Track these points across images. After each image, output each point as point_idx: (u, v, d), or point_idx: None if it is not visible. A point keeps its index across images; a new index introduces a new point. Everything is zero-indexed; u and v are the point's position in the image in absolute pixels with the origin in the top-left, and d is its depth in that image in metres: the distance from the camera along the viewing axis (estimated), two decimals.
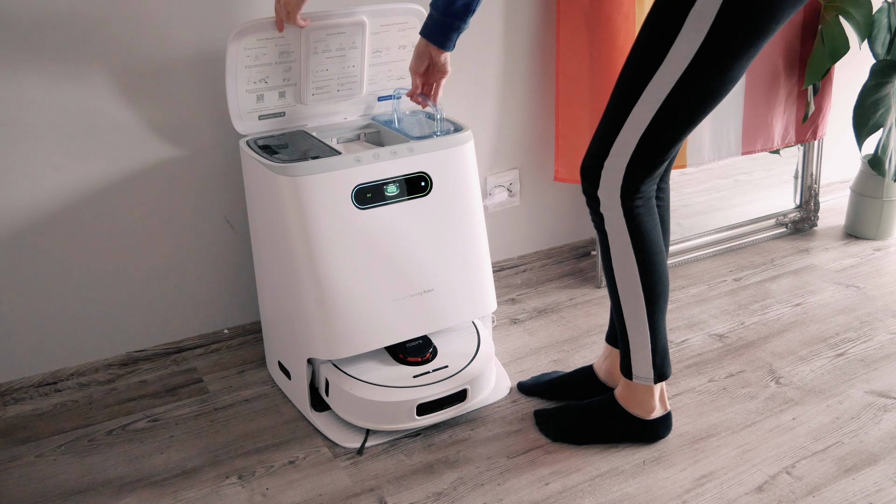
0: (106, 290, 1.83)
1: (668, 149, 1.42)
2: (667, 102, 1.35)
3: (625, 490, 1.52)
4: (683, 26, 1.30)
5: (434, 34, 1.55)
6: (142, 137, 1.75)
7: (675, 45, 1.31)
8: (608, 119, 1.43)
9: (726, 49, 1.31)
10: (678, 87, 1.34)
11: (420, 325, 1.65)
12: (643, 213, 1.46)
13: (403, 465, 1.59)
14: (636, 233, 1.46)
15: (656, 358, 1.56)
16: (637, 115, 1.38)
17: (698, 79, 1.33)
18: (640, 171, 1.42)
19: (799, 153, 2.55)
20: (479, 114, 2.12)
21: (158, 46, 1.70)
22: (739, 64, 1.33)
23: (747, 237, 2.51)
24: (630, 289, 1.51)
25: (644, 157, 1.41)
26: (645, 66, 1.35)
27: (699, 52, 1.30)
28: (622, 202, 1.44)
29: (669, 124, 1.38)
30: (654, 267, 1.49)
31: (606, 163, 1.43)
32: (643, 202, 1.46)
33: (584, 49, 2.07)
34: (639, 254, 1.48)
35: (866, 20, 2.20)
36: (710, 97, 1.36)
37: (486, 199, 2.21)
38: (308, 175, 1.52)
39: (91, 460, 1.62)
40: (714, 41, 1.29)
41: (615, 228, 1.47)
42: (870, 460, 1.59)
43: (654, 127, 1.38)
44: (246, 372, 1.90)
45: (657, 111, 1.36)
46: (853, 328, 2.04)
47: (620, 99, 1.40)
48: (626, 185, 1.43)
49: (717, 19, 1.28)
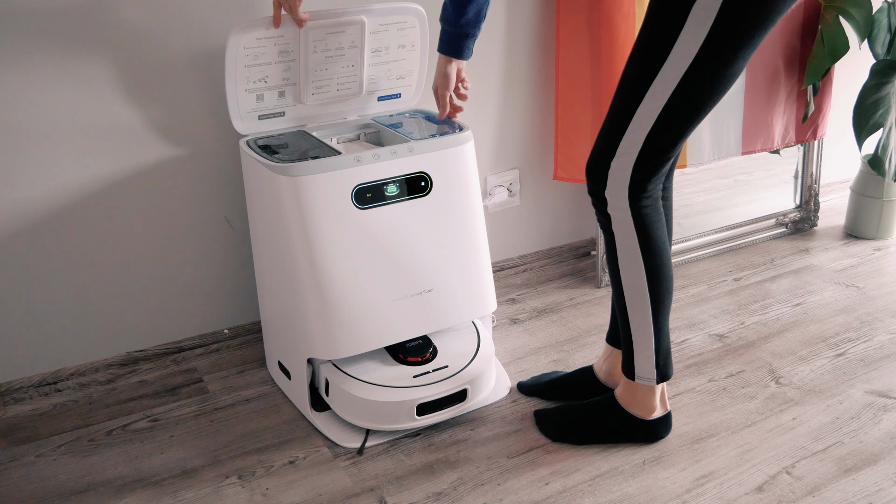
0: (106, 290, 1.83)
1: (674, 146, 1.42)
2: (672, 100, 1.35)
3: (625, 490, 1.52)
4: (686, 22, 1.30)
5: (453, 48, 1.61)
6: (142, 137, 1.75)
7: (678, 41, 1.32)
8: (613, 119, 1.43)
9: (729, 43, 1.31)
10: (683, 84, 1.34)
11: (420, 325, 1.65)
12: (650, 212, 1.46)
13: (403, 465, 1.59)
14: (644, 233, 1.46)
15: (659, 358, 1.56)
16: (642, 114, 1.38)
17: (703, 74, 1.33)
18: (646, 169, 1.43)
19: (799, 153, 2.55)
20: (479, 114, 2.12)
21: (158, 46, 1.70)
22: (742, 57, 1.34)
23: (747, 237, 2.51)
24: (636, 289, 1.51)
25: (650, 156, 1.41)
26: (648, 64, 1.36)
27: (703, 48, 1.31)
28: (630, 202, 1.45)
29: (675, 121, 1.38)
30: (660, 267, 1.49)
31: (613, 163, 1.43)
32: (651, 202, 1.46)
33: (584, 49, 2.07)
34: (646, 254, 1.48)
35: (866, 20, 2.20)
36: (715, 92, 1.37)
37: (486, 199, 2.21)
38: (308, 175, 1.52)
39: (91, 460, 1.62)
40: (717, 36, 1.29)
41: (622, 229, 1.47)
42: (870, 460, 1.59)
43: (659, 125, 1.38)
44: (246, 372, 1.90)
45: (662, 109, 1.37)
46: (853, 328, 2.04)
47: (625, 99, 1.40)
48: (634, 185, 1.43)
49: (720, 13, 1.28)
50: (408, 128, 1.75)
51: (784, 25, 2.25)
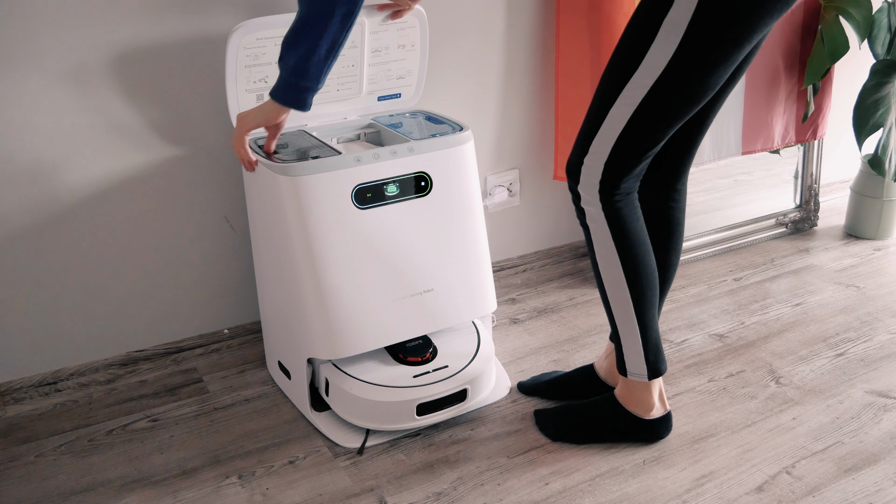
0: (106, 290, 1.83)
1: (647, 150, 1.44)
2: (642, 106, 1.37)
3: (625, 490, 1.52)
4: (657, 35, 1.32)
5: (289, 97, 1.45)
6: (142, 137, 1.75)
7: (649, 52, 1.34)
8: (589, 118, 1.46)
9: (699, 58, 1.33)
10: (653, 93, 1.36)
11: (420, 325, 1.65)
12: (623, 206, 1.48)
13: (403, 465, 1.59)
14: (617, 227, 1.48)
15: (648, 353, 1.56)
16: (614, 116, 1.40)
17: (673, 85, 1.35)
18: (617, 169, 1.44)
19: (799, 153, 2.55)
20: (479, 114, 2.12)
21: (158, 46, 1.70)
22: (715, 73, 1.35)
23: (747, 237, 2.51)
24: (615, 283, 1.52)
25: (621, 157, 1.43)
26: (622, 69, 1.38)
27: (672, 61, 1.33)
28: (601, 198, 1.47)
29: (645, 127, 1.40)
30: (637, 259, 1.50)
31: (586, 160, 1.46)
32: (622, 197, 1.47)
33: (584, 49, 2.07)
34: (621, 248, 1.49)
35: (866, 20, 2.20)
36: (686, 103, 1.38)
37: (486, 199, 2.21)
38: (308, 175, 1.52)
39: (91, 460, 1.62)
40: (686, 51, 1.31)
41: (596, 223, 1.49)
42: (870, 460, 1.59)
43: (630, 129, 1.40)
44: (246, 372, 1.90)
45: (633, 114, 1.39)
46: (853, 328, 2.04)
47: (600, 98, 1.43)
48: (605, 182, 1.45)
49: (688, 30, 1.30)
50: (408, 128, 1.75)
51: (784, 25, 2.25)
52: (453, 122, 1.74)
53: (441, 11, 1.94)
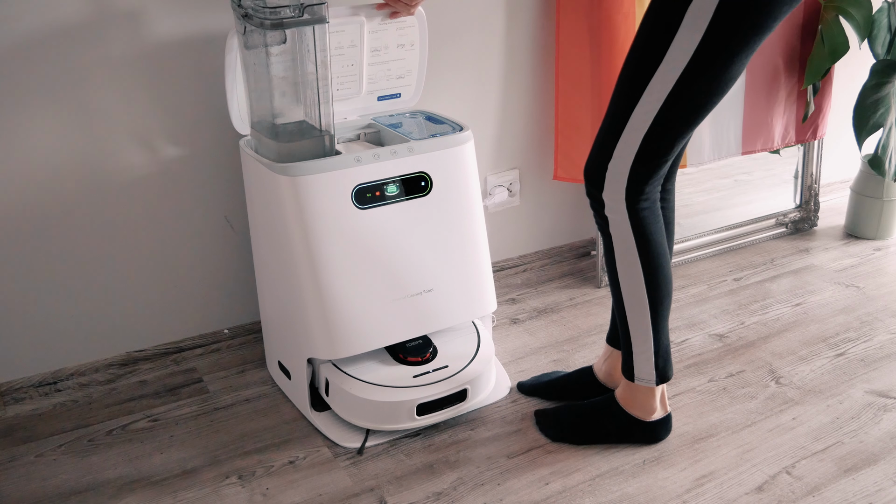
0: (106, 290, 1.83)
1: (672, 148, 1.42)
2: (667, 102, 1.35)
3: (625, 490, 1.52)
4: (682, 24, 1.30)
5: None
6: (142, 137, 1.75)
7: (673, 43, 1.31)
8: (610, 121, 1.43)
9: (725, 46, 1.30)
10: (678, 87, 1.33)
11: (420, 325, 1.65)
12: (648, 215, 1.46)
13: (403, 465, 1.59)
14: (641, 236, 1.46)
15: (658, 360, 1.55)
16: (638, 116, 1.38)
17: (698, 77, 1.33)
18: (644, 172, 1.42)
19: (799, 153, 2.55)
20: (479, 114, 2.12)
21: (158, 46, 1.70)
22: (739, 61, 1.33)
23: (747, 237, 2.51)
24: (634, 291, 1.50)
25: (648, 158, 1.41)
26: (644, 66, 1.35)
27: (698, 50, 1.30)
28: (627, 205, 1.44)
29: (671, 124, 1.38)
30: (658, 270, 1.49)
31: (610, 165, 1.43)
32: (648, 204, 1.46)
33: (584, 49, 2.07)
34: (643, 257, 1.47)
35: (866, 20, 2.20)
36: (711, 95, 1.36)
37: (486, 199, 2.21)
38: (308, 175, 1.52)
39: (91, 460, 1.62)
40: (713, 38, 1.29)
41: (620, 231, 1.47)
42: (870, 460, 1.59)
43: (656, 127, 1.37)
44: (246, 372, 1.90)
45: (658, 111, 1.36)
46: (853, 328, 2.04)
47: (621, 101, 1.40)
48: (631, 188, 1.43)
49: (715, 16, 1.27)
50: (408, 128, 1.75)
51: (784, 25, 2.25)
52: (453, 122, 1.74)
53: (441, 11, 1.94)
